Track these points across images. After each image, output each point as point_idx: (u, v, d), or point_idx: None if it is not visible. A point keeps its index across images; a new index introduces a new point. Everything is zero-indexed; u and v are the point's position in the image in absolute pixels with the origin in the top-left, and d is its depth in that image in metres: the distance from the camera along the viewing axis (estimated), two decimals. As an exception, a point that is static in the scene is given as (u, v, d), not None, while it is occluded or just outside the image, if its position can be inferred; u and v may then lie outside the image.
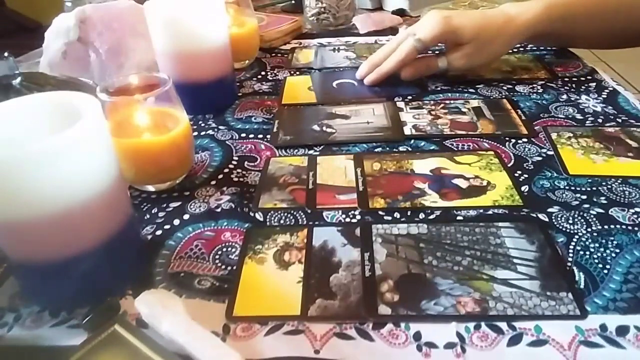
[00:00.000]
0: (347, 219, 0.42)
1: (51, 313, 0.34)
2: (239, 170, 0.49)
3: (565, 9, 0.61)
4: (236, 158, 0.52)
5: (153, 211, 0.44)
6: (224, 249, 0.39)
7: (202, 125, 0.58)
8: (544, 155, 0.49)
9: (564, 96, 0.61)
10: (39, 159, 0.29)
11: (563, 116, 0.56)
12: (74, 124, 0.30)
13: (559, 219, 0.41)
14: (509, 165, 0.48)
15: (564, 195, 0.43)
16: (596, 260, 0.36)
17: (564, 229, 0.40)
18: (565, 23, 0.62)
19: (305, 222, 0.42)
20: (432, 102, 0.61)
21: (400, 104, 0.60)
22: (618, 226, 0.40)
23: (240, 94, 0.66)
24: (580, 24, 0.63)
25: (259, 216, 0.43)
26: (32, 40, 0.73)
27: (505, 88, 0.64)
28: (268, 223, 0.42)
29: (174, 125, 0.45)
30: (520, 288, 0.34)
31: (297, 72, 0.72)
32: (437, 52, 0.66)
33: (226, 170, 0.50)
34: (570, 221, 0.40)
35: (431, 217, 0.42)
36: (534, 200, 0.43)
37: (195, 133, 0.56)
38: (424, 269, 0.36)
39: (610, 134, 0.52)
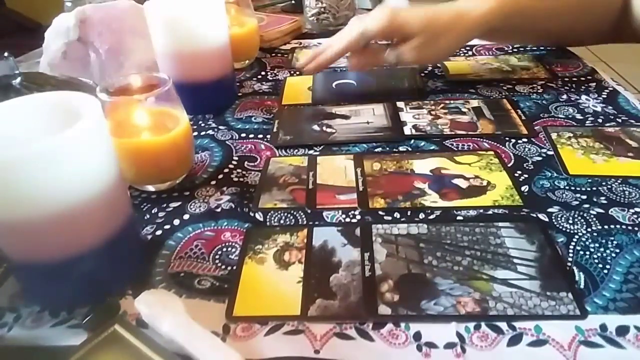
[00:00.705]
0: (347, 219, 0.42)
1: (51, 313, 0.34)
2: (239, 170, 0.49)
3: (523, 3, 0.60)
4: (236, 158, 0.52)
5: (153, 211, 0.44)
6: (224, 249, 0.39)
7: (202, 125, 0.58)
8: (544, 155, 0.49)
9: (564, 96, 0.61)
10: (39, 159, 0.29)
11: (563, 116, 0.56)
12: (74, 124, 0.30)
13: (559, 219, 0.41)
14: (509, 165, 0.48)
15: (564, 195, 0.43)
16: (596, 260, 0.36)
17: (564, 229, 0.40)
18: (525, 18, 0.61)
19: (305, 222, 0.42)
20: (432, 102, 0.61)
21: (400, 104, 0.60)
22: (618, 226, 0.40)
23: (240, 94, 0.66)
24: (541, 18, 0.62)
25: (259, 216, 0.43)
26: (32, 40, 0.73)
27: (505, 88, 0.64)
28: (268, 223, 0.42)
29: (174, 125, 0.45)
30: (520, 288, 0.34)
31: (297, 72, 0.72)
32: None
33: (226, 170, 0.50)
34: (570, 221, 0.40)
35: (431, 217, 0.42)
36: (534, 200, 0.43)
37: (195, 133, 0.56)
38: (424, 269, 0.36)
39: (610, 134, 0.52)
